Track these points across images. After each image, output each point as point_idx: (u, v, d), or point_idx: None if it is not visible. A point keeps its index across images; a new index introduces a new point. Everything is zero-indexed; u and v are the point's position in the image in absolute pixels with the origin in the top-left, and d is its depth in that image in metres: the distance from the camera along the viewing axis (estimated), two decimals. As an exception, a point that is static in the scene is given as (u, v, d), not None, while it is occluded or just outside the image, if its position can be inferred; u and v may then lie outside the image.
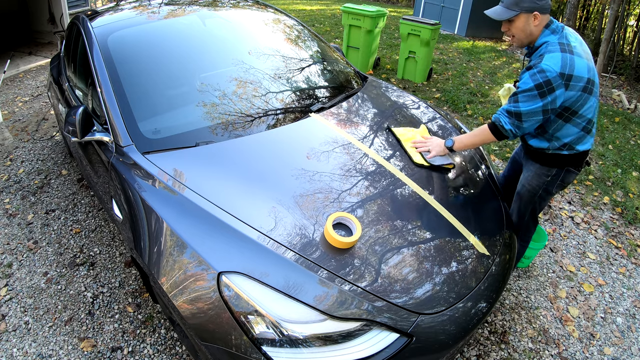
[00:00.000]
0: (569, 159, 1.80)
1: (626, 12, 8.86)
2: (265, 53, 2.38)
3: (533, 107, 1.62)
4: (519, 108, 1.65)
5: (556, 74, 1.55)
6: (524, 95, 1.62)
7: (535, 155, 1.88)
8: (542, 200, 1.97)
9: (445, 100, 4.99)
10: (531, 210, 2.02)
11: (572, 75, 1.56)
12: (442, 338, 1.35)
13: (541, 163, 1.87)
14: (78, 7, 6.30)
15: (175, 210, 1.49)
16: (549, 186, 1.90)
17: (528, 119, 1.65)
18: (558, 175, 1.86)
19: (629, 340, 2.13)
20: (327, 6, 11.30)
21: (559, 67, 1.55)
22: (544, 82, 1.56)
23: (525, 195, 1.97)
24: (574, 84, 1.58)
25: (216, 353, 1.32)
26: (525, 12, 1.64)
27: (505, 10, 1.67)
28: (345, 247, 1.41)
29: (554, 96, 1.58)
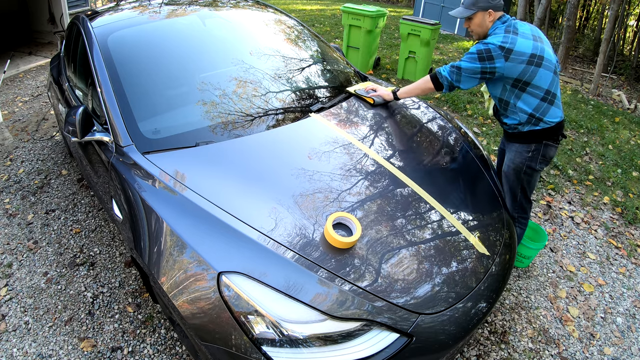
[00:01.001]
0: (545, 133, 1.97)
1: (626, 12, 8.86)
2: (265, 53, 2.38)
3: (472, 66, 1.89)
4: (461, 64, 1.92)
5: (495, 46, 1.83)
6: (468, 55, 1.91)
7: (513, 136, 2.07)
8: (528, 177, 2.10)
9: (445, 100, 4.99)
10: (521, 189, 2.14)
11: (513, 49, 1.82)
12: (442, 338, 1.35)
13: (520, 142, 2.04)
14: (78, 7, 6.30)
15: (175, 210, 1.49)
16: (531, 162, 2.04)
17: (467, 75, 1.91)
18: (538, 150, 2.01)
19: (629, 340, 2.13)
20: (327, 6, 11.30)
21: (499, 42, 1.83)
22: (484, 49, 1.85)
23: (511, 174, 2.12)
24: (514, 57, 1.82)
25: (216, 353, 1.32)
26: (481, 10, 1.94)
27: (465, 9, 1.99)
28: (345, 247, 1.41)
29: (492, 63, 1.85)
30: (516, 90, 1.92)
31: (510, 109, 1.99)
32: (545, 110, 1.93)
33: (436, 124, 2.27)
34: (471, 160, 2.08)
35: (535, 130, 1.97)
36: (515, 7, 11.58)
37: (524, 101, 1.93)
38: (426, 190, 1.75)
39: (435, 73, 2.02)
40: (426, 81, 2.06)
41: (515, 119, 2.00)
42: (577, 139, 4.35)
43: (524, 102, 1.93)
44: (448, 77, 1.97)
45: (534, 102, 1.92)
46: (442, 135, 2.18)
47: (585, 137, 4.43)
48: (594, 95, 6.21)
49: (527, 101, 1.92)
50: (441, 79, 1.99)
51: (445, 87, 2.00)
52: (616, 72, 8.22)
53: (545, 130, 1.96)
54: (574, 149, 4.10)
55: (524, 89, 1.91)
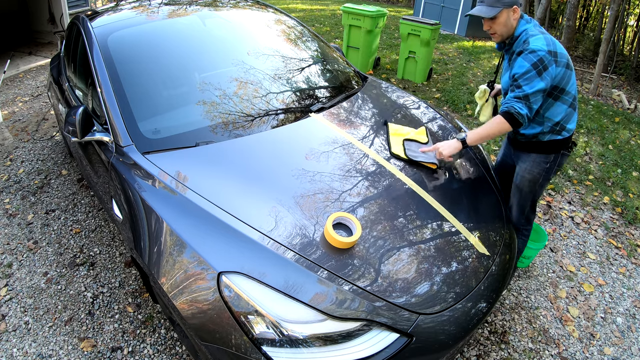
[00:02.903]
0: (564, 142, 1.87)
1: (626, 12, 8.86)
2: (265, 53, 2.38)
3: (537, 87, 1.67)
4: (525, 90, 1.69)
5: (545, 52, 1.66)
6: (524, 78, 1.69)
7: (530, 145, 1.93)
8: (541, 188, 2.01)
9: (445, 100, 4.99)
10: (532, 200, 2.05)
11: (557, 52, 1.69)
12: (442, 338, 1.35)
13: (538, 152, 1.91)
14: (78, 7, 6.30)
15: (175, 210, 1.49)
16: (549, 172, 1.95)
17: (534, 99, 1.70)
18: (556, 160, 1.91)
19: (629, 340, 2.13)
20: (327, 6, 11.30)
21: (545, 46, 1.67)
22: (538, 60, 1.66)
23: (526, 185, 1.99)
24: (559, 60, 1.69)
25: (216, 353, 1.32)
26: (506, 8, 1.74)
27: (490, 8, 1.76)
28: (345, 247, 1.41)
29: (549, 73, 1.67)
30: (550, 99, 1.77)
31: (537, 118, 1.84)
32: (569, 117, 1.82)
33: (436, 124, 2.27)
34: (471, 161, 2.08)
35: (556, 140, 1.85)
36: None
37: (554, 110, 1.79)
38: (426, 190, 1.75)
39: (510, 113, 1.73)
40: (500, 123, 1.77)
41: (537, 128, 1.85)
42: (577, 139, 4.35)
43: (554, 110, 1.79)
44: (525, 112, 1.70)
45: (564, 109, 1.79)
46: (442, 136, 2.17)
47: (585, 137, 4.43)
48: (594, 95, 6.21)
49: (558, 110, 1.79)
50: (520, 118, 1.71)
51: (525, 122, 1.74)
52: (616, 72, 8.22)
53: (565, 139, 1.86)
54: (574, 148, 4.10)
55: (558, 96, 1.76)
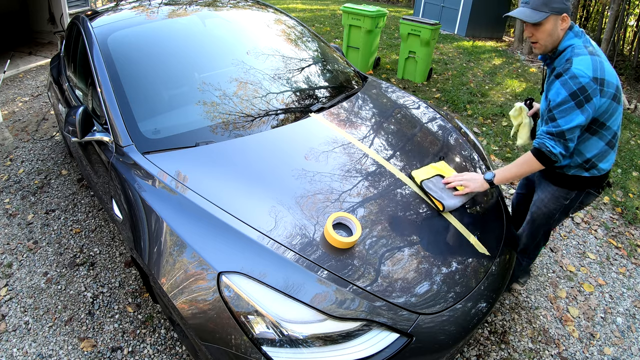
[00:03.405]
0: (591, 181, 1.64)
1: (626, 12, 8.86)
2: (265, 53, 2.38)
3: (575, 122, 1.44)
4: (560, 126, 1.47)
5: (590, 79, 1.39)
6: (560, 109, 1.45)
7: (552, 176, 1.71)
8: (557, 222, 1.85)
9: (445, 100, 4.99)
10: (544, 232, 1.94)
11: (604, 79, 1.42)
12: (442, 338, 1.35)
13: (559, 185, 1.70)
14: (78, 7, 6.30)
15: (175, 210, 1.49)
16: (567, 209, 1.75)
17: (572, 135, 1.48)
18: (577, 198, 1.70)
19: (629, 340, 2.13)
20: (327, 6, 11.30)
21: (591, 71, 1.40)
22: (579, 89, 1.40)
23: (540, 218, 1.83)
24: (606, 89, 1.43)
25: (216, 353, 1.32)
26: (554, 14, 1.47)
27: (534, 12, 1.48)
28: (345, 247, 1.41)
29: (592, 105, 1.42)
30: (587, 133, 1.54)
31: None
32: (604, 155, 1.59)
33: (436, 124, 2.27)
34: (471, 160, 2.08)
35: (582, 177, 1.64)
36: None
37: (588, 145, 1.56)
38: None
39: (541, 151, 1.54)
40: (531, 161, 1.59)
41: (565, 161, 1.64)
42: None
43: (588, 146, 1.56)
44: (559, 150, 1.50)
45: (599, 146, 1.56)
46: (442, 135, 2.17)
47: (585, 137, 4.42)
48: (594, 95, 6.21)
49: (592, 145, 1.56)
50: (554, 157, 1.52)
51: (560, 161, 1.55)
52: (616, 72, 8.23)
53: (593, 178, 1.64)
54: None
55: (596, 131, 1.53)
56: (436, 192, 1.69)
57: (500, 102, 5.06)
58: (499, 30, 9.65)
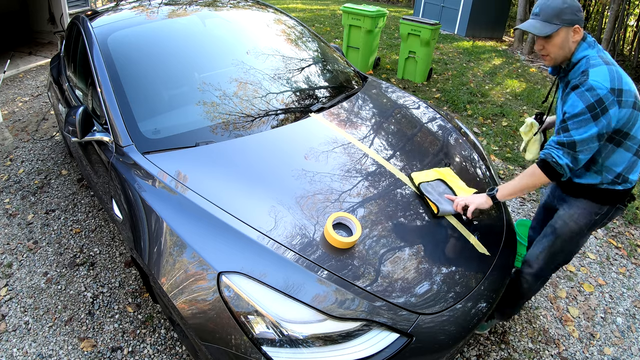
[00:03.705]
0: (622, 195, 1.57)
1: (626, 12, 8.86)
2: (265, 53, 2.38)
3: (588, 134, 1.38)
4: (572, 137, 1.40)
5: (607, 90, 1.34)
6: (575, 121, 1.39)
7: (583, 190, 1.60)
8: (583, 238, 1.68)
9: (445, 100, 4.99)
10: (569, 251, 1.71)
11: (622, 89, 1.37)
12: (442, 338, 1.35)
13: (592, 199, 1.59)
14: (78, 7, 6.30)
15: (175, 210, 1.49)
16: (595, 225, 1.64)
17: (584, 148, 1.40)
18: (608, 213, 1.61)
19: (629, 340, 2.13)
20: (327, 6, 11.30)
21: (608, 82, 1.35)
22: (596, 101, 1.35)
23: (567, 234, 1.66)
24: (625, 99, 1.37)
25: (216, 353, 1.32)
26: (566, 26, 1.42)
27: (545, 24, 1.44)
28: (345, 247, 1.41)
29: (608, 117, 1.36)
30: (610, 144, 1.46)
31: (593, 168, 1.53)
32: (633, 166, 1.51)
33: (436, 124, 2.27)
34: (471, 160, 2.08)
35: (614, 191, 1.55)
36: (515, 7, 11.59)
37: (615, 158, 1.48)
38: (426, 190, 1.74)
39: (547, 162, 1.47)
40: (535, 174, 1.52)
41: (595, 178, 1.54)
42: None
43: (616, 159, 1.48)
44: (566, 162, 1.43)
45: (627, 158, 1.48)
46: (442, 135, 2.17)
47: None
48: (594, 95, 6.21)
49: (620, 158, 1.48)
50: (560, 169, 1.45)
51: (565, 175, 1.47)
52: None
53: (625, 191, 1.55)
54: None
55: (621, 142, 1.45)
56: (433, 195, 1.69)
57: (500, 102, 5.06)
58: (499, 30, 9.65)
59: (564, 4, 1.40)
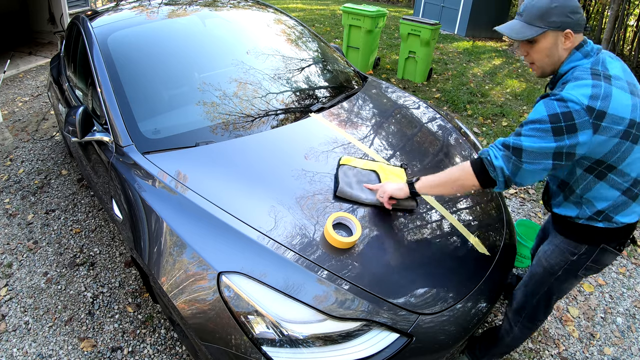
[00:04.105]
0: (607, 234, 1.30)
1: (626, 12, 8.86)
2: (265, 53, 2.38)
3: (540, 146, 1.14)
4: (521, 142, 1.17)
5: (581, 108, 1.10)
6: (532, 127, 1.16)
7: (561, 224, 1.40)
8: (561, 283, 1.46)
9: (445, 100, 4.99)
10: (545, 292, 1.50)
11: (606, 113, 1.10)
12: (442, 338, 1.35)
13: (567, 235, 1.38)
14: (78, 7, 6.31)
15: (175, 210, 1.49)
16: (574, 267, 1.39)
17: (532, 160, 1.17)
18: (589, 254, 1.35)
19: (629, 340, 2.13)
20: (327, 6, 11.30)
21: (586, 99, 1.10)
22: (563, 114, 1.11)
23: (539, 272, 1.49)
24: (607, 125, 1.11)
25: (216, 353, 1.32)
26: (553, 30, 1.20)
27: (526, 26, 1.22)
28: (345, 247, 1.41)
29: (574, 140, 1.12)
30: (591, 176, 1.23)
31: (571, 198, 1.31)
32: (622, 207, 1.26)
33: (436, 124, 2.27)
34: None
35: (593, 228, 1.30)
36: (515, 7, 11.59)
37: (596, 192, 1.25)
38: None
39: (481, 160, 1.27)
40: (464, 170, 1.32)
41: (572, 210, 1.33)
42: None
43: (597, 194, 1.25)
44: (501, 164, 1.22)
45: (612, 195, 1.24)
46: (442, 135, 2.17)
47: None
48: (594, 95, 6.21)
49: (602, 193, 1.24)
50: (492, 172, 1.24)
51: (500, 184, 1.25)
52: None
53: (609, 230, 1.29)
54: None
55: (604, 175, 1.21)
56: (343, 179, 1.62)
57: (500, 102, 5.06)
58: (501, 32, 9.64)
59: (552, 3, 1.18)
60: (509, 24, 1.27)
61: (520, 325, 1.62)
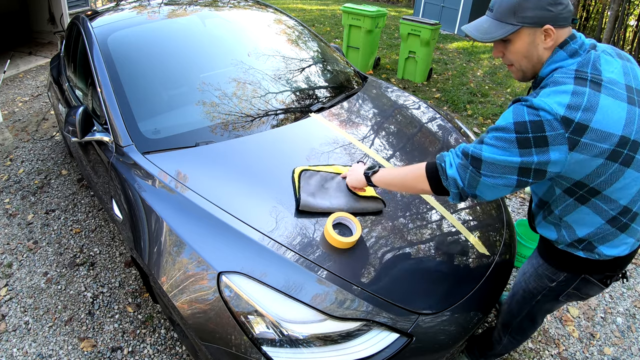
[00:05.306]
0: (588, 265, 1.16)
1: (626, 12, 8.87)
2: (265, 53, 2.38)
3: (503, 159, 0.99)
4: (481, 151, 1.03)
5: (554, 118, 0.92)
6: (496, 135, 1.01)
7: (542, 245, 1.29)
8: (542, 305, 1.36)
9: (445, 100, 4.99)
10: (527, 313, 1.43)
11: (587, 127, 0.92)
12: (442, 338, 1.35)
13: (546, 259, 1.26)
14: (78, 7, 6.31)
15: (175, 210, 1.49)
16: (553, 293, 1.29)
17: (491, 173, 1.02)
18: (568, 283, 1.22)
19: (629, 340, 2.13)
20: (327, 6, 11.30)
21: (562, 108, 0.92)
22: (531, 122, 0.94)
23: (519, 294, 1.41)
24: (588, 142, 0.93)
25: (216, 353, 1.32)
26: (529, 26, 1.02)
27: (496, 24, 1.05)
28: (345, 247, 1.41)
29: (544, 156, 0.95)
30: (571, 199, 1.07)
31: (549, 218, 1.17)
32: (606, 237, 1.09)
33: (436, 124, 2.27)
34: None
35: (573, 256, 1.16)
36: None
37: (577, 218, 1.09)
38: (426, 190, 1.74)
39: (436, 166, 1.16)
40: (419, 170, 1.21)
41: (551, 233, 1.19)
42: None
43: (577, 218, 1.10)
44: (456, 177, 1.09)
45: (595, 222, 1.08)
46: (442, 135, 2.17)
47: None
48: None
49: (583, 219, 1.09)
50: (444, 180, 1.13)
51: (452, 195, 1.14)
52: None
53: (592, 261, 1.15)
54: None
55: (586, 199, 1.04)
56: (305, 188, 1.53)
57: (500, 102, 5.06)
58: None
59: None
60: (476, 22, 1.10)
61: (509, 337, 1.59)
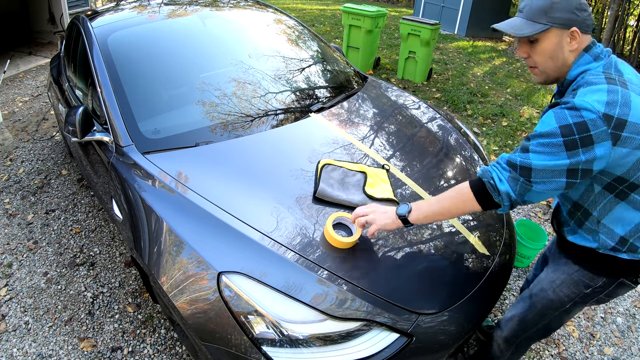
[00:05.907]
0: (628, 267, 1.16)
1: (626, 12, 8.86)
2: (265, 53, 2.38)
3: (553, 163, 1.00)
4: (529, 160, 1.03)
5: (597, 116, 0.95)
6: (541, 142, 1.02)
7: (575, 253, 1.24)
8: (563, 315, 1.33)
9: (445, 100, 4.99)
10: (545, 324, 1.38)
11: (627, 121, 0.96)
12: (442, 338, 1.35)
13: (584, 266, 1.22)
14: (78, 7, 6.31)
15: (175, 210, 1.49)
16: (585, 300, 1.25)
17: (543, 180, 1.03)
18: (604, 287, 1.21)
19: (629, 340, 2.13)
20: (327, 6, 11.30)
21: (602, 105, 0.96)
22: (576, 124, 0.97)
23: (545, 305, 1.33)
24: (629, 135, 0.96)
25: (216, 353, 1.32)
26: (557, 27, 1.06)
27: (527, 23, 1.09)
28: (345, 247, 1.41)
29: (591, 154, 0.97)
30: (610, 195, 1.08)
31: (588, 223, 1.16)
32: None
33: (436, 124, 2.27)
34: (471, 160, 2.08)
35: (616, 259, 1.15)
36: (515, 7, 11.58)
37: (618, 216, 1.10)
38: (426, 190, 1.75)
39: (482, 181, 1.13)
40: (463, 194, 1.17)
41: (590, 240, 1.17)
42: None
43: (619, 217, 1.10)
44: (509, 191, 1.07)
45: (635, 219, 1.09)
46: (442, 135, 2.17)
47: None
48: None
49: (625, 216, 1.09)
50: (496, 197, 1.10)
51: (505, 208, 1.12)
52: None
53: (632, 262, 1.15)
54: None
55: (626, 195, 1.06)
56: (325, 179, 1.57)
57: (500, 102, 5.06)
58: (499, 30, 9.65)
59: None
60: (509, 21, 1.15)
61: (512, 350, 1.55)
